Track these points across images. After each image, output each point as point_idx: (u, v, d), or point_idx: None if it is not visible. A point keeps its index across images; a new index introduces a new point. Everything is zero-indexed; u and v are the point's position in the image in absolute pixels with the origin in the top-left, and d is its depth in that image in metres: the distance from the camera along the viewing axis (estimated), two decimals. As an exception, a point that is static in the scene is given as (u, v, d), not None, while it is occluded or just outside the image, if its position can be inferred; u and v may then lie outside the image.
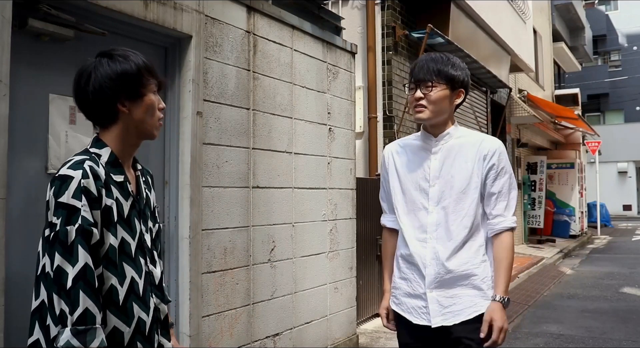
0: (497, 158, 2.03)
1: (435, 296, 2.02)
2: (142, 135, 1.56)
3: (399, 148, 2.21)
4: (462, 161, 2.04)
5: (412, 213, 2.09)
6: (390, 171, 2.20)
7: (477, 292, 2.01)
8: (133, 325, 1.46)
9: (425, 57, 2.09)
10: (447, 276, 2.01)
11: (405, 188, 2.12)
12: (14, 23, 2.30)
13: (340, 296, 4.49)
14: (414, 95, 2.04)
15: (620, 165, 27.90)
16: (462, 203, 2.02)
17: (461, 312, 2.00)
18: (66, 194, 1.36)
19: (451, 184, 2.03)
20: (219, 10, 3.37)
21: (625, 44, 31.41)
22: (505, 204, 2.04)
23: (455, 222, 2.01)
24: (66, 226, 1.34)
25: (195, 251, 3.11)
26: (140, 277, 1.50)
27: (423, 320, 2.04)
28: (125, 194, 1.50)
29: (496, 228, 2.04)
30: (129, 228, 1.49)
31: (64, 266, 1.32)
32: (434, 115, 2.03)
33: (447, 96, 2.03)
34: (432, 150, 2.09)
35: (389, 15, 6.38)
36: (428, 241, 2.04)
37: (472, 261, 2.01)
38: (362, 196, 5.13)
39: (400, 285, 2.13)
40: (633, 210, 28.13)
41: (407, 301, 2.10)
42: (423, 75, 2.02)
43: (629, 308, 6.71)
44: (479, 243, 2.04)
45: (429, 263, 2.02)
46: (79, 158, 1.43)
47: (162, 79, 1.59)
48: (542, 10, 15.80)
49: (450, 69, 2.03)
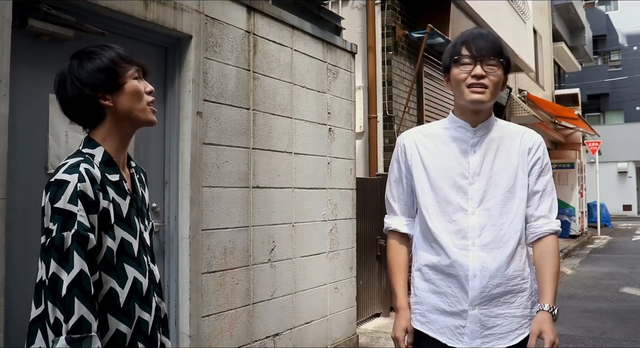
0: (542, 151, 1.80)
1: (477, 314, 1.72)
2: (135, 123, 1.52)
3: (422, 137, 1.87)
4: (504, 156, 1.78)
5: (447, 215, 1.77)
6: (415, 164, 1.85)
7: (524, 312, 1.76)
8: (133, 326, 1.44)
9: (482, 30, 1.79)
10: (495, 291, 1.72)
11: (436, 186, 1.80)
12: (14, 23, 2.30)
13: (340, 297, 4.49)
14: (473, 71, 1.71)
15: (620, 165, 27.89)
16: (510, 204, 1.75)
17: (505, 335, 1.73)
18: (62, 199, 1.33)
19: (495, 182, 1.76)
20: (219, 10, 3.37)
21: (625, 44, 31.41)
22: (549, 204, 1.79)
23: (504, 226, 1.74)
24: (62, 232, 1.31)
25: (195, 251, 3.11)
26: (145, 276, 1.49)
27: (459, 343, 1.73)
28: (122, 193, 1.48)
29: (540, 231, 1.78)
30: (129, 228, 1.47)
31: (59, 273, 1.29)
32: (492, 98, 1.74)
33: (503, 79, 1.76)
34: (470, 142, 1.80)
35: (389, 15, 6.38)
36: (470, 248, 1.73)
37: (522, 274, 1.76)
38: (362, 196, 5.14)
39: (430, 300, 1.80)
40: (633, 210, 28.11)
41: (440, 319, 1.77)
42: (488, 50, 1.71)
43: (629, 308, 6.71)
44: (526, 252, 1.78)
45: (474, 274, 1.71)
46: (73, 161, 1.40)
47: (142, 63, 1.54)
48: (542, 10, 15.80)
49: (507, 50, 1.77)
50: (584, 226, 16.54)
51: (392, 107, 6.25)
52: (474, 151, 1.79)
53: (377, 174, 5.97)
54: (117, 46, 1.53)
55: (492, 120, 1.83)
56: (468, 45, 1.74)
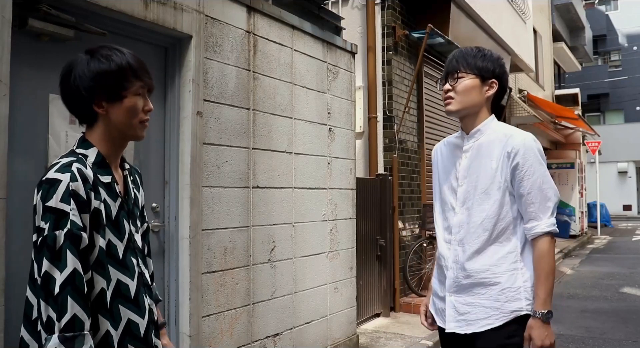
0: (521, 155, 1.86)
1: (452, 300, 1.95)
2: (124, 136, 1.51)
3: (443, 146, 2.16)
4: (487, 160, 1.93)
5: (444, 213, 2.04)
6: (434, 170, 2.16)
7: (493, 304, 1.87)
8: (121, 328, 1.43)
9: (457, 51, 2.04)
10: (464, 282, 1.92)
11: (440, 188, 2.08)
12: (14, 23, 2.30)
13: (340, 296, 4.49)
14: (443, 87, 2.00)
15: (620, 165, 27.89)
16: (484, 204, 1.90)
17: (474, 322, 1.89)
18: (54, 198, 1.32)
19: (475, 184, 1.93)
20: (219, 10, 3.37)
21: (625, 44, 31.41)
22: (537, 206, 1.86)
23: (475, 224, 1.91)
24: (54, 230, 1.30)
25: (195, 251, 3.11)
26: (132, 279, 1.47)
27: (442, 323, 2.00)
28: (113, 195, 1.47)
29: (530, 233, 1.88)
30: (116, 230, 1.46)
31: (51, 272, 1.29)
32: (461, 106, 1.96)
33: (476, 86, 1.95)
34: (463, 148, 2.01)
35: (389, 15, 6.37)
36: (452, 242, 1.97)
37: (495, 270, 1.88)
38: (362, 196, 5.14)
39: (434, 285, 2.10)
40: (633, 210, 28.12)
41: (436, 301, 2.07)
42: (450, 67, 1.98)
43: (629, 308, 6.71)
44: (507, 250, 1.89)
45: (450, 265, 1.96)
46: (66, 160, 1.39)
47: (150, 82, 1.51)
48: (542, 10, 15.80)
49: (479, 59, 1.95)
50: (584, 226, 16.53)
51: (392, 107, 6.25)
52: (465, 156, 2.00)
53: (377, 174, 5.96)
54: (133, 54, 1.50)
55: (487, 125, 1.99)
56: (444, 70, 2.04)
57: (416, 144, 6.80)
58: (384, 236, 5.70)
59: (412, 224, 6.57)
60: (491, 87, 1.97)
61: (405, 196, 6.41)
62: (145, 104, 1.50)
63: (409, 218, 6.48)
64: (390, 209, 5.82)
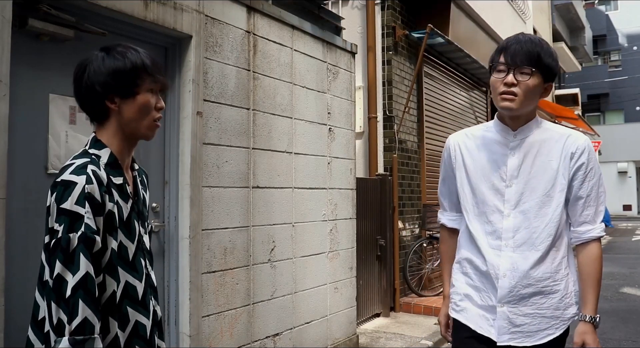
0: (586, 156, 1.77)
1: (506, 311, 1.79)
2: (135, 135, 1.51)
3: (466, 139, 1.95)
4: (545, 159, 1.79)
5: (484, 215, 1.85)
6: (458, 166, 1.94)
7: (555, 313, 1.79)
8: (128, 330, 1.43)
9: (522, 37, 1.80)
10: (524, 291, 1.77)
11: (475, 187, 1.88)
12: (14, 23, 2.30)
13: (340, 297, 4.49)
14: (505, 79, 1.76)
15: (620, 165, 27.91)
16: (546, 208, 1.78)
17: (534, 334, 1.78)
18: (69, 200, 1.31)
19: (532, 185, 1.79)
20: (219, 10, 3.37)
21: (625, 44, 31.41)
22: (594, 210, 1.79)
23: (538, 229, 1.77)
24: (69, 233, 1.29)
25: (195, 251, 3.11)
26: (140, 280, 1.47)
27: (488, 333, 1.82)
28: (125, 196, 1.47)
29: (583, 237, 1.80)
30: (128, 232, 1.46)
31: (64, 274, 1.28)
32: (522, 106, 1.76)
33: (540, 86, 1.77)
34: (509, 145, 1.83)
35: (389, 15, 6.37)
36: (503, 249, 1.80)
37: (555, 277, 1.79)
38: (362, 196, 5.14)
39: (464, 290, 1.90)
40: (633, 210, 28.13)
41: (472, 309, 1.87)
42: (522, 58, 1.73)
43: (629, 308, 6.71)
44: (562, 255, 1.81)
45: (504, 274, 1.78)
46: (80, 161, 1.39)
47: (164, 81, 1.53)
48: (542, 10, 15.80)
49: (549, 57, 1.77)
50: (584, 226, 16.49)
51: (392, 107, 6.25)
52: (512, 154, 1.83)
53: (377, 174, 5.96)
54: (148, 53, 1.52)
55: (535, 123, 1.85)
56: (505, 52, 1.78)
57: (416, 144, 6.80)
58: (384, 236, 5.70)
59: (412, 224, 6.57)
60: (547, 91, 1.82)
61: (405, 196, 6.41)
62: (157, 102, 1.52)
63: (409, 218, 6.48)
64: (390, 209, 5.82)
